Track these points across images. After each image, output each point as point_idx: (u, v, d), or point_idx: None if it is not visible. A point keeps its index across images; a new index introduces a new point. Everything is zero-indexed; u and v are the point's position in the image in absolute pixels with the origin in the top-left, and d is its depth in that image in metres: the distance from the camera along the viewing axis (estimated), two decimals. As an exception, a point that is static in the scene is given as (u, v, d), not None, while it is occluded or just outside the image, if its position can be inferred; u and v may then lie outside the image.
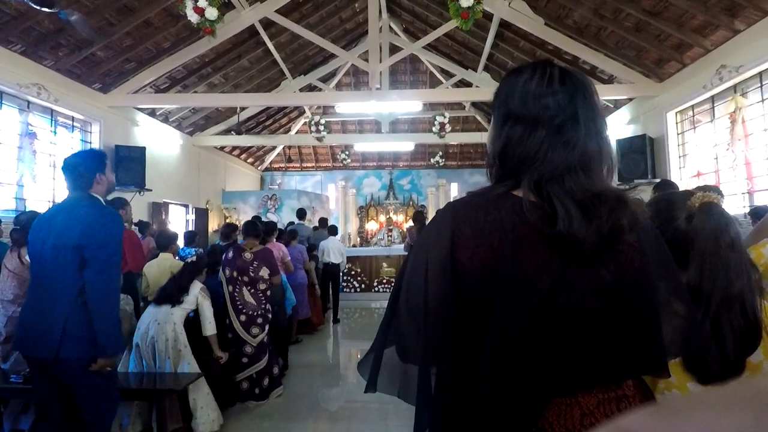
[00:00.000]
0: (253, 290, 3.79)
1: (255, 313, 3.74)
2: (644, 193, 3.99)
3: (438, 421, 0.87)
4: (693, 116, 5.59)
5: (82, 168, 2.17)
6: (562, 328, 0.76)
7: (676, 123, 5.87)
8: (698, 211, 1.04)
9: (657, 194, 1.19)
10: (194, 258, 3.46)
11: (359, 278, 9.48)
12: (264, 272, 3.85)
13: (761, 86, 4.51)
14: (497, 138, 0.88)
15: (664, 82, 5.79)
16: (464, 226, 0.80)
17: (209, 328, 3.29)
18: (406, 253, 7.13)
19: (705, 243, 1.00)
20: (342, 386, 4.55)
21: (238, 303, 3.74)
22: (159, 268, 3.82)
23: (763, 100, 4.51)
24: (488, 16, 6.17)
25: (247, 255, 3.86)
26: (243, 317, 3.71)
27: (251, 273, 3.80)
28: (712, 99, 5.20)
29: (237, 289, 3.76)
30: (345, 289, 9.33)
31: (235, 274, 3.79)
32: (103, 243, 2.05)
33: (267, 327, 3.84)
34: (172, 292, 3.21)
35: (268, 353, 3.85)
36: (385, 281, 9.43)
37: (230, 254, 3.90)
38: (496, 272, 0.76)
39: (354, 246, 11.80)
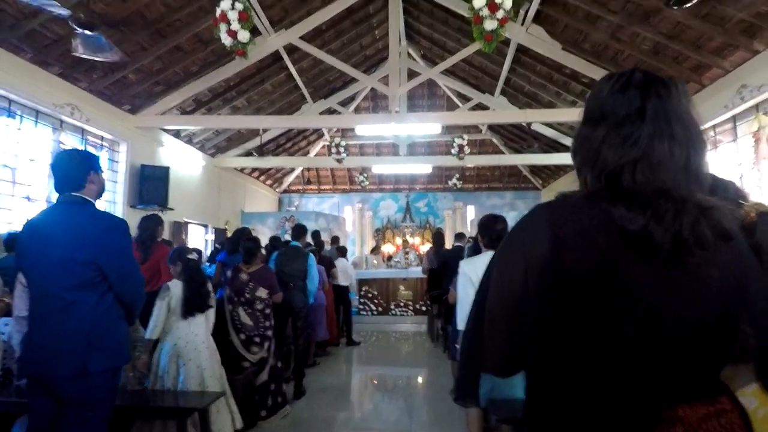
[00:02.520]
0: (250, 310, 3.73)
1: (253, 334, 3.70)
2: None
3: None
4: (715, 136, 5.54)
5: (74, 166, 2.00)
6: (668, 334, 0.74)
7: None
8: (759, 221, 1.02)
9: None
10: (192, 257, 3.24)
11: (376, 301, 9.41)
12: (261, 292, 3.79)
13: (785, 106, 4.48)
14: (575, 138, 0.89)
15: (685, 104, 5.78)
16: (566, 227, 0.77)
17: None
18: (425, 276, 7.06)
19: None
20: (356, 411, 4.45)
21: (237, 323, 3.71)
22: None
23: (787, 120, 4.46)
24: (506, 42, 6.28)
25: (243, 276, 3.80)
26: (242, 336, 3.68)
27: (247, 294, 3.75)
28: (734, 119, 5.16)
29: (235, 309, 3.73)
30: (361, 312, 9.25)
31: (232, 294, 3.77)
32: (117, 255, 1.98)
33: (269, 345, 3.78)
34: (202, 300, 3.08)
35: (269, 371, 3.77)
36: (402, 304, 9.34)
37: (229, 273, 3.91)
38: (604, 276, 0.74)
39: (374, 266, 11.74)
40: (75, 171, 1.99)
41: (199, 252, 3.67)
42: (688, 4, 4.05)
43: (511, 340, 0.81)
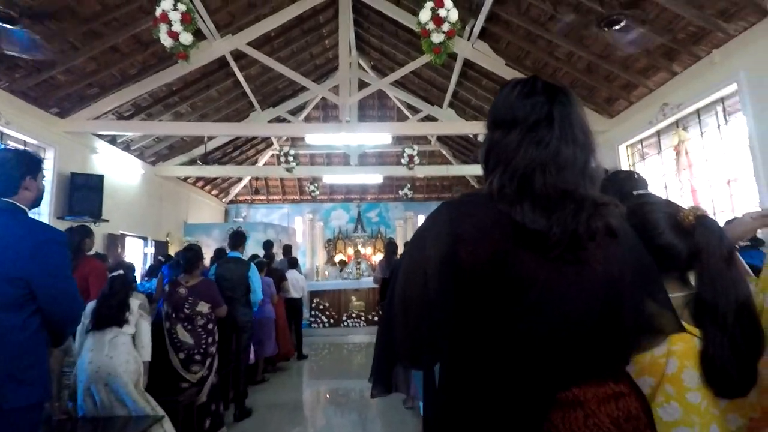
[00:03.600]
0: (190, 327, 3.50)
1: (193, 352, 3.47)
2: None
3: (445, 423, 0.85)
4: (642, 149, 5.99)
5: (6, 168, 1.77)
6: (557, 322, 0.78)
7: (627, 156, 6.25)
8: (697, 224, 1.08)
9: (632, 206, 1.24)
10: (120, 272, 3.06)
11: (327, 312, 9.25)
12: (203, 307, 3.58)
13: (699, 121, 4.93)
14: (483, 143, 0.93)
15: (614, 118, 6.20)
16: (465, 223, 0.81)
17: (145, 353, 2.94)
18: (377, 286, 7.07)
19: (714, 260, 1.04)
20: (308, 427, 4.32)
21: (176, 341, 3.46)
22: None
23: (702, 134, 4.91)
24: (453, 56, 6.47)
25: (182, 290, 3.58)
26: (182, 355, 3.44)
27: (186, 309, 3.53)
28: (658, 133, 5.60)
29: (173, 327, 3.49)
30: (312, 325, 9.06)
31: (170, 310, 3.54)
32: (53, 273, 1.73)
33: (210, 362, 3.56)
34: (112, 311, 2.83)
35: (209, 390, 3.56)
36: (354, 315, 9.24)
37: (167, 288, 3.67)
38: (496, 269, 0.78)
39: (328, 277, 11.57)
40: (7, 175, 1.76)
41: (129, 267, 3.41)
42: (617, 27, 4.38)
43: (417, 333, 0.83)
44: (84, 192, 6.14)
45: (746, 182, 4.28)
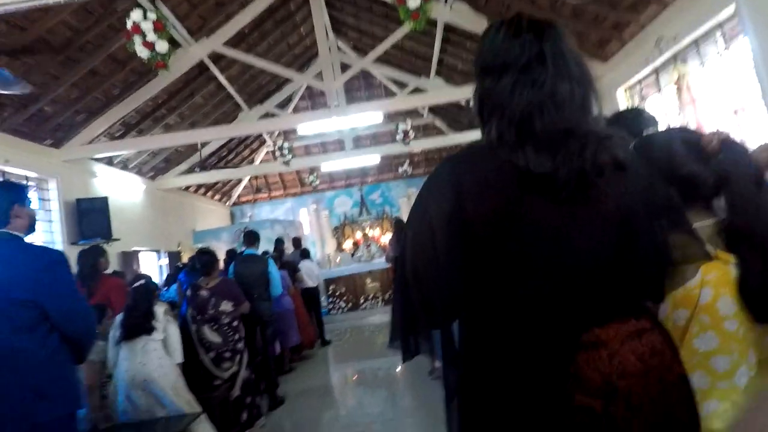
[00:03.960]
0: (216, 326, 3.63)
1: (222, 350, 3.60)
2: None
3: (468, 380, 0.85)
4: (641, 90, 5.86)
5: None
6: (574, 264, 0.78)
7: (626, 99, 6.13)
8: (722, 149, 1.04)
9: (645, 135, 1.20)
10: (141, 282, 3.17)
11: (345, 298, 9.38)
12: (226, 306, 3.69)
13: (698, 52, 4.77)
14: (474, 95, 0.90)
15: (609, 62, 6.05)
16: (465, 175, 0.79)
17: (177, 356, 3.05)
18: (390, 265, 7.10)
19: (744, 183, 1.00)
20: (340, 409, 4.45)
21: (204, 341, 3.59)
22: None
23: (702, 65, 4.76)
24: (432, 22, 6.34)
25: (204, 292, 3.69)
26: (212, 354, 3.57)
27: (210, 310, 3.65)
28: (656, 71, 5.46)
29: (199, 328, 3.61)
30: (331, 311, 9.20)
31: (195, 313, 3.65)
32: (59, 292, 1.81)
33: (240, 357, 3.69)
34: (139, 320, 2.93)
35: (242, 385, 3.68)
36: (371, 297, 9.37)
37: (189, 292, 3.78)
38: (506, 216, 0.76)
39: (340, 264, 11.68)
40: None
41: (147, 277, 3.50)
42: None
43: (431, 292, 0.82)
44: (91, 215, 6.22)
45: (755, 110, 4.06)
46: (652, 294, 0.90)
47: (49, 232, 5.87)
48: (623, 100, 6.14)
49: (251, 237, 5.01)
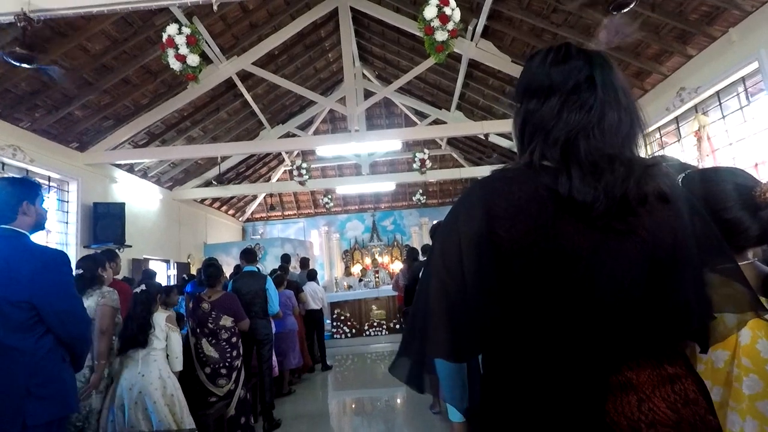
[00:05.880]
0: (214, 341, 3.58)
1: (218, 366, 3.53)
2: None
3: (492, 417, 0.80)
4: (660, 138, 5.85)
5: (3, 195, 1.81)
6: (604, 295, 0.73)
7: (645, 145, 6.10)
8: None
9: (693, 172, 1.17)
10: (143, 288, 3.07)
11: (349, 323, 9.25)
12: (226, 321, 3.65)
13: (720, 104, 4.78)
14: (517, 116, 0.88)
15: (629, 108, 6.08)
16: (498, 198, 0.76)
17: (176, 364, 2.98)
18: (397, 293, 6.99)
19: None
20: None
21: (201, 356, 3.54)
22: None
23: (723, 117, 4.76)
24: (457, 57, 6.47)
25: (205, 305, 3.66)
26: (208, 369, 3.51)
27: (210, 324, 3.61)
28: (677, 120, 5.47)
29: (198, 342, 3.57)
30: (335, 336, 9.07)
31: (195, 325, 3.62)
32: (54, 293, 1.78)
33: (236, 375, 3.61)
34: (134, 333, 2.84)
35: (237, 404, 3.59)
36: (375, 324, 9.22)
37: (191, 304, 3.75)
38: (537, 243, 0.73)
39: (349, 288, 11.58)
40: (4, 201, 1.80)
41: (151, 275, 3.46)
42: (626, 9, 4.30)
43: (455, 321, 0.78)
44: (107, 220, 6.29)
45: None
46: (699, 343, 0.86)
47: (64, 233, 5.94)
48: (642, 147, 6.13)
49: (249, 254, 4.98)
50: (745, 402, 0.93)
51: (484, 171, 9.90)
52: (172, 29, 4.03)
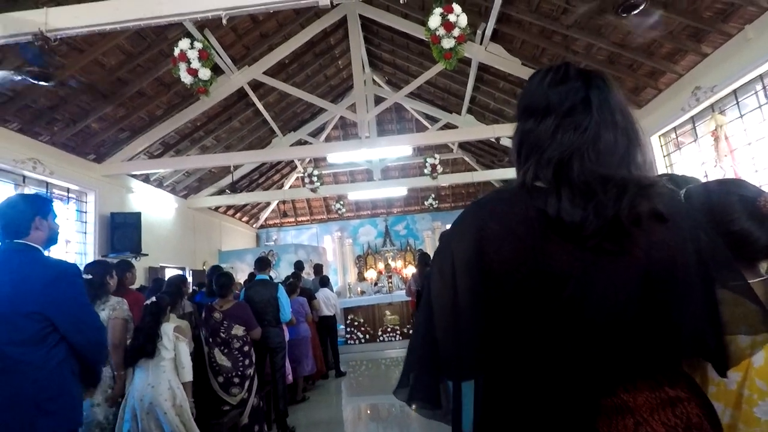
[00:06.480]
0: (227, 350, 3.61)
1: (231, 375, 3.56)
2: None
3: None
4: (676, 138, 5.74)
5: (16, 212, 1.85)
6: (594, 317, 0.72)
7: (661, 146, 6.02)
8: None
9: (696, 186, 1.14)
10: (153, 299, 3.09)
11: (363, 329, 9.24)
12: (238, 330, 3.69)
13: (737, 103, 4.67)
14: (515, 135, 0.89)
15: (643, 108, 5.99)
16: (491, 220, 0.77)
17: (184, 373, 2.96)
18: (410, 298, 6.98)
19: None
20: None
21: (214, 365, 3.57)
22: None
23: (741, 116, 4.65)
24: (467, 61, 6.45)
25: (217, 315, 3.70)
26: (221, 378, 3.53)
27: (222, 333, 3.65)
28: (693, 119, 5.36)
29: (211, 351, 3.60)
30: (348, 341, 9.07)
31: (207, 335, 3.65)
32: (68, 304, 1.82)
33: (249, 384, 3.63)
34: (142, 344, 2.86)
35: (251, 412, 3.61)
36: (389, 329, 9.20)
37: (203, 314, 3.78)
38: (525, 263, 0.73)
39: (362, 293, 11.59)
40: (17, 217, 1.85)
41: (159, 281, 3.49)
42: (635, 11, 4.24)
43: (452, 341, 0.78)
44: (123, 230, 6.41)
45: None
46: (716, 365, 0.82)
47: (83, 243, 6.07)
48: (657, 147, 6.02)
49: (262, 262, 5.04)
50: (759, 428, 0.89)
51: (496, 174, 9.86)
52: (184, 44, 4.11)
